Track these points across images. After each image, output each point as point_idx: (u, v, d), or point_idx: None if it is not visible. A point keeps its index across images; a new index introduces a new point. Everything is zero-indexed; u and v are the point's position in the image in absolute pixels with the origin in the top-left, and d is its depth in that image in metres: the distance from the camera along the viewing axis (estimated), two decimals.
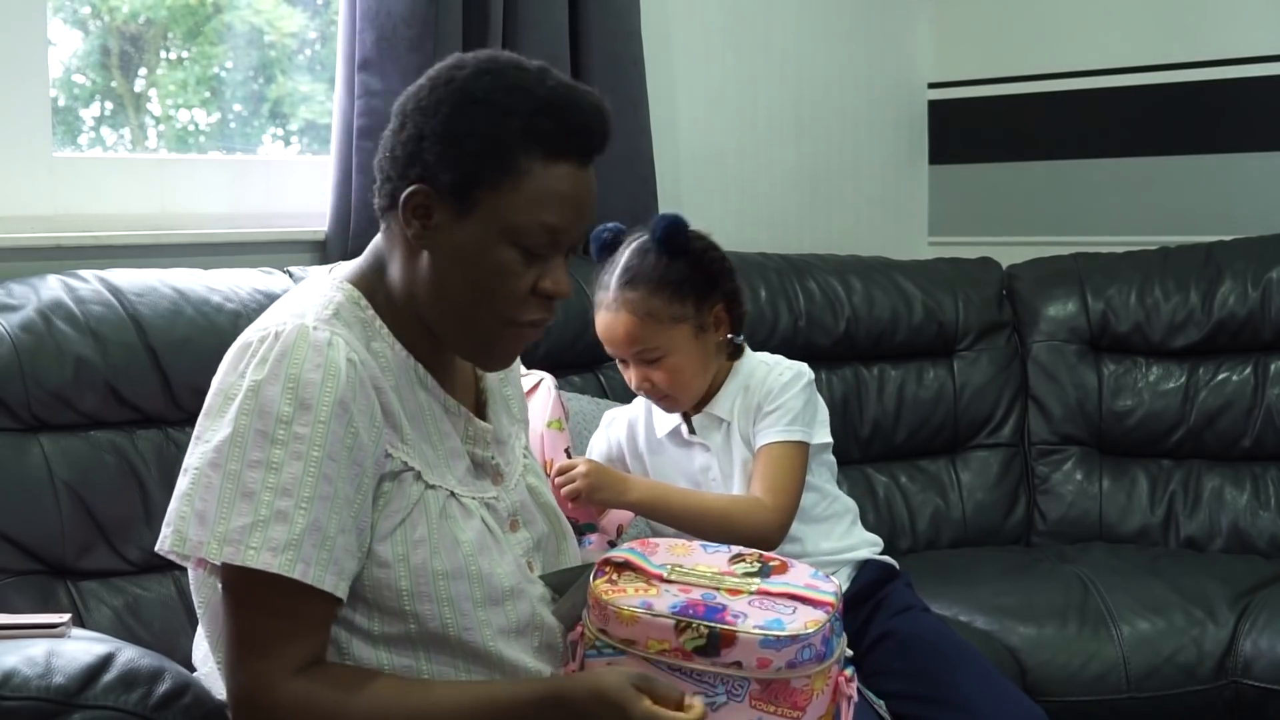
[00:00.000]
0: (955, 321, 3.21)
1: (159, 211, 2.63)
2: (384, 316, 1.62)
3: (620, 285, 2.15)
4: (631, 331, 2.14)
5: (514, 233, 1.56)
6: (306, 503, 1.48)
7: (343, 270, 1.67)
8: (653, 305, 2.13)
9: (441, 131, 1.56)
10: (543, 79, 1.59)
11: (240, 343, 1.56)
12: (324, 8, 3.03)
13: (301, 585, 1.48)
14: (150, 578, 2.12)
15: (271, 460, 1.48)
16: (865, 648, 2.13)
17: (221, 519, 1.48)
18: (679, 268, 2.15)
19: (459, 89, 1.57)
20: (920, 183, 3.91)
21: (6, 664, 1.51)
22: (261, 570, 1.47)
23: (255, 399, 1.49)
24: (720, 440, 2.21)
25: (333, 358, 1.51)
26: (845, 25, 3.75)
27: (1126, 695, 2.48)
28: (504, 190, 1.55)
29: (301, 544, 1.48)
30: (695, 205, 3.41)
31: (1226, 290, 3.11)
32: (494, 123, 1.55)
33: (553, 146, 1.57)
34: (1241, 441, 3.06)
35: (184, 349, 2.18)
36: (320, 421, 1.49)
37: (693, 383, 2.18)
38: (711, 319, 2.17)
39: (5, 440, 2.06)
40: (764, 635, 1.55)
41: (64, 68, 2.75)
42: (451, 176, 1.56)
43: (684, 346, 2.15)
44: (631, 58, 3.08)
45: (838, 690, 1.62)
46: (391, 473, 1.57)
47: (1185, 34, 3.50)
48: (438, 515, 1.59)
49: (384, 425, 1.56)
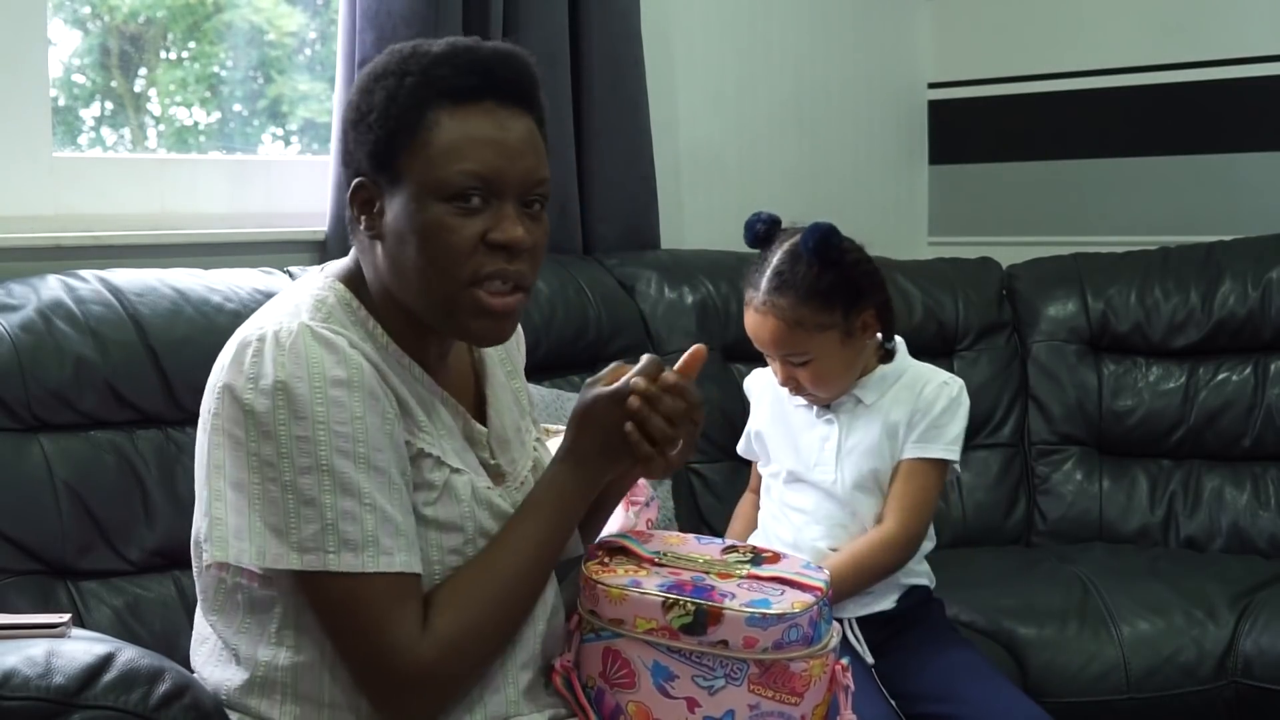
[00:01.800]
0: (955, 321, 3.21)
1: (159, 211, 2.63)
2: (374, 315, 1.62)
3: (770, 290, 2.18)
4: (778, 336, 2.18)
5: (437, 187, 1.53)
6: (369, 498, 1.49)
7: (333, 268, 1.67)
8: (801, 314, 2.16)
9: (354, 117, 1.58)
10: (445, 40, 1.59)
11: (238, 342, 1.55)
12: (324, 7, 3.03)
13: (388, 574, 1.50)
14: (150, 578, 2.12)
15: (320, 462, 1.49)
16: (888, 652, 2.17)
17: (293, 529, 1.48)
18: (829, 277, 2.17)
19: (362, 75, 1.60)
20: (920, 183, 3.91)
21: (6, 664, 1.51)
22: (346, 573, 1.48)
23: (287, 405, 1.49)
24: (848, 416, 2.25)
25: (347, 352, 1.52)
26: (845, 25, 3.75)
27: (1126, 695, 2.48)
28: (418, 150, 1.54)
29: (378, 537, 1.49)
30: (695, 205, 3.42)
31: (1226, 290, 3.11)
32: (392, 89, 1.55)
33: (456, 93, 1.54)
34: (1241, 441, 3.06)
35: (184, 349, 2.18)
36: (357, 417, 1.50)
37: (836, 383, 2.23)
38: (859, 324, 2.20)
39: (5, 440, 2.05)
40: (750, 613, 1.55)
41: (64, 68, 2.75)
42: (369, 153, 1.56)
43: (830, 351, 2.19)
44: (632, 58, 3.08)
45: (835, 680, 1.62)
46: (412, 458, 1.58)
47: (1185, 34, 3.50)
48: (470, 497, 1.61)
49: (400, 414, 1.57)
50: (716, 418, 2.49)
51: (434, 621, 1.53)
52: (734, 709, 1.57)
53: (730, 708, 1.57)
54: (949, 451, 2.22)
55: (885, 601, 2.22)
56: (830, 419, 2.26)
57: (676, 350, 2.92)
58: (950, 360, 3.19)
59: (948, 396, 2.23)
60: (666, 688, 1.58)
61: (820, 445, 2.26)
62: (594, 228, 3.07)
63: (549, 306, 2.76)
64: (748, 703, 1.57)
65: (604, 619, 1.61)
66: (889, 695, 2.11)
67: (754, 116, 3.56)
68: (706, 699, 1.56)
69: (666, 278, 3.01)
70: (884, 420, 2.22)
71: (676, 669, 1.58)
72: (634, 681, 1.60)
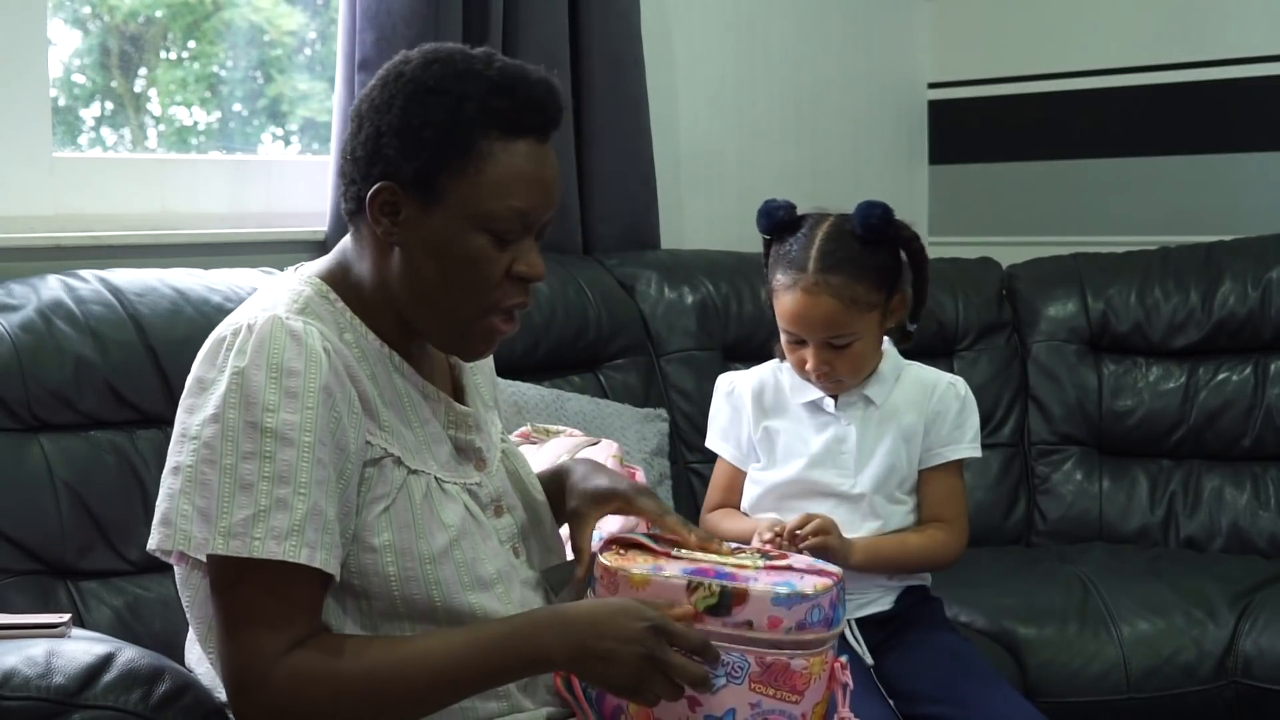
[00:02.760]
0: (955, 321, 3.21)
1: (159, 211, 2.63)
2: (354, 308, 1.62)
3: (822, 268, 2.13)
4: (832, 316, 2.14)
5: (484, 218, 1.56)
6: (304, 488, 1.49)
7: (309, 268, 1.67)
8: (857, 291, 2.13)
9: (399, 125, 1.56)
10: (490, 61, 1.59)
11: (214, 338, 1.57)
12: (323, 7, 3.03)
13: (298, 567, 1.48)
14: (150, 578, 2.12)
15: (264, 450, 1.48)
16: (886, 652, 2.16)
17: (224, 514, 1.48)
18: (883, 255, 2.16)
19: (410, 81, 1.58)
20: (920, 183, 3.91)
21: (6, 664, 1.51)
22: (264, 559, 1.47)
23: (240, 390, 1.49)
24: (859, 417, 2.22)
25: (311, 345, 1.52)
26: (845, 25, 3.75)
27: (1126, 695, 2.48)
28: (468, 176, 1.55)
29: (304, 529, 1.48)
30: (695, 205, 3.42)
31: (1226, 290, 3.11)
32: (449, 108, 1.55)
33: (510, 125, 1.56)
34: (1241, 441, 3.06)
35: (184, 349, 2.16)
36: (308, 408, 1.50)
37: (866, 368, 2.21)
38: (895, 305, 2.19)
39: (5, 440, 2.06)
40: (775, 593, 1.56)
41: (64, 68, 2.75)
42: (414, 168, 1.56)
43: (871, 333, 2.18)
44: (632, 58, 3.08)
45: (833, 677, 1.63)
46: (372, 459, 1.57)
47: (1185, 34, 3.50)
48: (421, 499, 1.60)
49: (362, 413, 1.56)
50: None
51: (304, 653, 1.49)
52: (735, 707, 1.57)
53: (731, 706, 1.57)
54: (973, 449, 2.23)
55: (883, 602, 2.22)
56: (842, 420, 2.23)
57: (677, 350, 2.96)
58: (950, 360, 3.19)
59: (957, 396, 2.22)
60: None
61: (836, 448, 2.23)
62: (594, 228, 3.07)
63: (549, 306, 2.76)
64: (749, 701, 1.57)
65: None
66: (888, 696, 2.11)
67: (754, 116, 3.56)
68: (708, 698, 1.56)
69: (666, 278, 3.01)
70: (898, 423, 2.21)
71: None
72: None
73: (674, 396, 2.91)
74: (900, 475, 2.21)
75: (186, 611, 1.64)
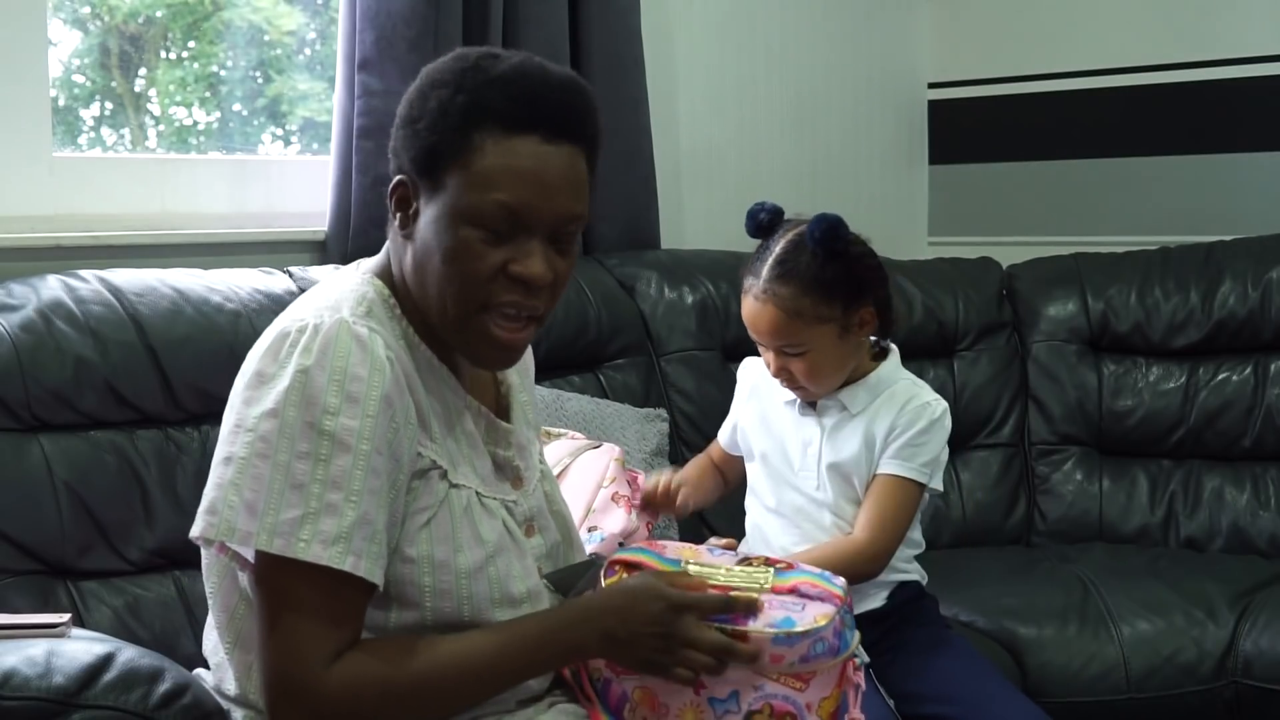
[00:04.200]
0: (955, 321, 3.21)
1: (159, 211, 2.63)
2: (408, 315, 1.62)
3: (771, 278, 2.16)
4: (776, 326, 2.16)
5: (469, 211, 1.54)
6: (356, 496, 1.48)
7: (369, 265, 1.67)
8: (801, 304, 2.14)
9: (404, 115, 1.58)
10: (510, 59, 1.58)
11: (277, 331, 1.55)
12: (323, 7, 3.03)
13: (344, 575, 1.48)
14: (150, 578, 2.12)
15: (319, 452, 1.48)
16: (884, 651, 2.15)
17: (271, 509, 1.47)
18: (833, 269, 2.15)
19: (425, 75, 1.59)
20: (920, 183, 3.91)
21: (6, 664, 1.51)
22: (309, 562, 1.47)
23: (302, 390, 1.48)
24: (833, 423, 2.22)
25: (376, 353, 1.52)
26: (845, 25, 3.75)
27: (1127, 695, 2.48)
28: (460, 168, 1.54)
29: (352, 537, 1.48)
30: (695, 205, 3.42)
31: (1226, 290, 3.11)
32: (442, 100, 1.55)
33: (506, 120, 1.54)
34: (1241, 441, 3.06)
35: (184, 349, 2.18)
36: (369, 416, 1.49)
37: (829, 379, 2.20)
38: (857, 320, 2.18)
39: (5, 440, 2.06)
40: (776, 633, 1.57)
41: (64, 68, 2.75)
42: (416, 160, 1.56)
43: (826, 345, 2.16)
44: (632, 58, 3.08)
45: (844, 676, 1.63)
46: (420, 470, 1.57)
47: (1185, 34, 3.50)
48: (462, 513, 1.59)
49: (416, 424, 1.56)
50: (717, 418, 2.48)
51: (352, 658, 1.50)
52: (738, 690, 1.58)
53: (735, 689, 1.58)
54: (922, 474, 2.18)
55: (875, 599, 2.21)
56: (815, 423, 2.24)
57: (677, 350, 2.96)
58: (950, 360, 3.19)
59: (929, 417, 2.19)
60: None
61: (803, 450, 2.24)
62: (594, 228, 3.07)
63: None
64: (752, 684, 1.58)
65: None
66: (887, 695, 2.11)
67: (754, 116, 3.56)
68: (711, 681, 1.58)
69: (666, 278, 3.01)
70: (865, 430, 2.20)
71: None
72: None
73: (674, 396, 2.91)
74: (863, 480, 2.20)
75: (210, 599, 1.64)
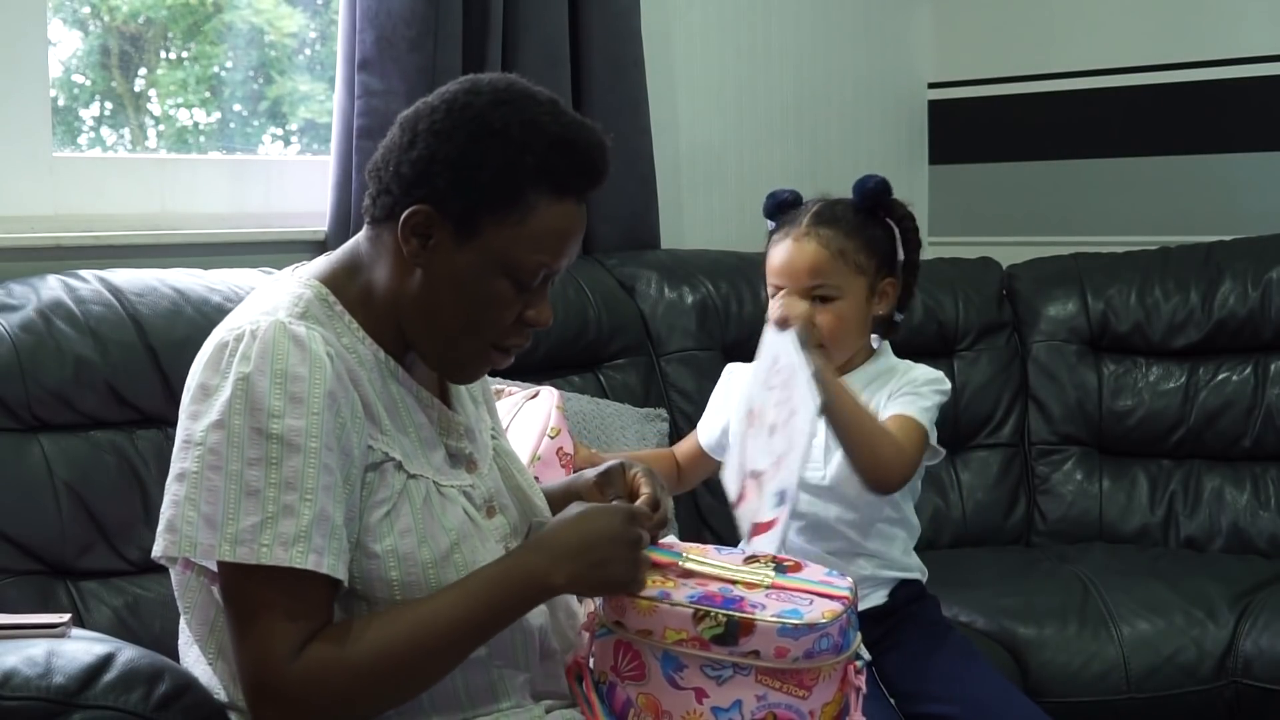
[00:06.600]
0: (955, 321, 3.21)
1: (159, 211, 2.63)
2: (353, 312, 1.62)
3: (813, 222, 2.18)
4: (817, 264, 2.16)
5: (513, 266, 1.59)
6: (310, 494, 1.49)
7: (309, 269, 1.68)
8: (845, 245, 2.16)
9: (456, 159, 1.57)
10: (556, 115, 1.60)
11: (215, 341, 1.56)
12: (324, 7, 3.03)
13: (307, 573, 1.49)
14: (150, 578, 2.12)
15: (270, 456, 1.49)
16: (885, 650, 2.15)
17: (230, 520, 1.48)
18: (877, 228, 2.18)
19: (475, 118, 1.58)
20: (920, 183, 3.91)
21: (6, 664, 1.51)
22: (272, 565, 1.47)
23: (245, 397, 1.50)
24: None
25: (315, 351, 1.52)
26: (845, 25, 3.75)
27: (1126, 695, 2.48)
28: (509, 224, 1.57)
29: (311, 535, 1.49)
30: (695, 205, 3.42)
31: (1226, 290, 3.11)
32: (509, 157, 1.56)
33: (561, 185, 1.59)
34: (1241, 441, 3.06)
35: (184, 349, 2.16)
36: (314, 414, 1.50)
37: (848, 338, 2.20)
38: (881, 290, 2.19)
39: (5, 440, 2.06)
40: (782, 624, 1.56)
41: (64, 68, 2.75)
42: (461, 204, 1.57)
43: (856, 300, 2.18)
44: (631, 58, 3.08)
45: (846, 680, 1.63)
46: (374, 464, 1.58)
47: (1185, 34, 3.50)
48: (422, 504, 1.60)
49: (364, 417, 1.57)
50: None
51: (313, 646, 1.51)
52: (741, 699, 1.57)
53: (738, 698, 1.57)
54: (924, 416, 2.16)
55: (877, 596, 2.21)
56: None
57: (677, 350, 2.96)
58: (950, 360, 3.19)
59: (927, 375, 2.22)
60: (675, 678, 1.59)
61: None
62: (594, 228, 3.06)
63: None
64: (755, 693, 1.57)
65: (631, 630, 1.61)
66: (889, 695, 2.11)
67: (754, 116, 3.56)
68: (715, 689, 1.57)
69: (666, 278, 3.01)
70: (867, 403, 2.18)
71: (686, 659, 1.58)
72: (644, 673, 1.61)
73: (674, 396, 2.91)
74: None
75: (184, 615, 1.64)
